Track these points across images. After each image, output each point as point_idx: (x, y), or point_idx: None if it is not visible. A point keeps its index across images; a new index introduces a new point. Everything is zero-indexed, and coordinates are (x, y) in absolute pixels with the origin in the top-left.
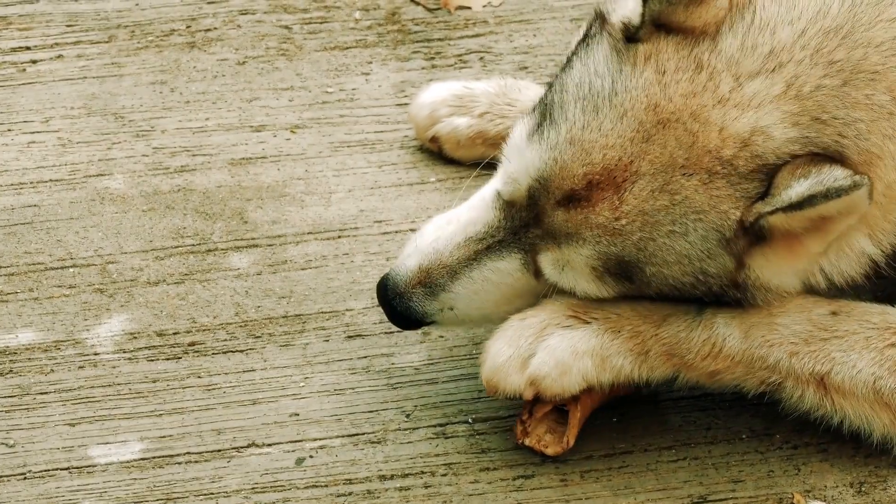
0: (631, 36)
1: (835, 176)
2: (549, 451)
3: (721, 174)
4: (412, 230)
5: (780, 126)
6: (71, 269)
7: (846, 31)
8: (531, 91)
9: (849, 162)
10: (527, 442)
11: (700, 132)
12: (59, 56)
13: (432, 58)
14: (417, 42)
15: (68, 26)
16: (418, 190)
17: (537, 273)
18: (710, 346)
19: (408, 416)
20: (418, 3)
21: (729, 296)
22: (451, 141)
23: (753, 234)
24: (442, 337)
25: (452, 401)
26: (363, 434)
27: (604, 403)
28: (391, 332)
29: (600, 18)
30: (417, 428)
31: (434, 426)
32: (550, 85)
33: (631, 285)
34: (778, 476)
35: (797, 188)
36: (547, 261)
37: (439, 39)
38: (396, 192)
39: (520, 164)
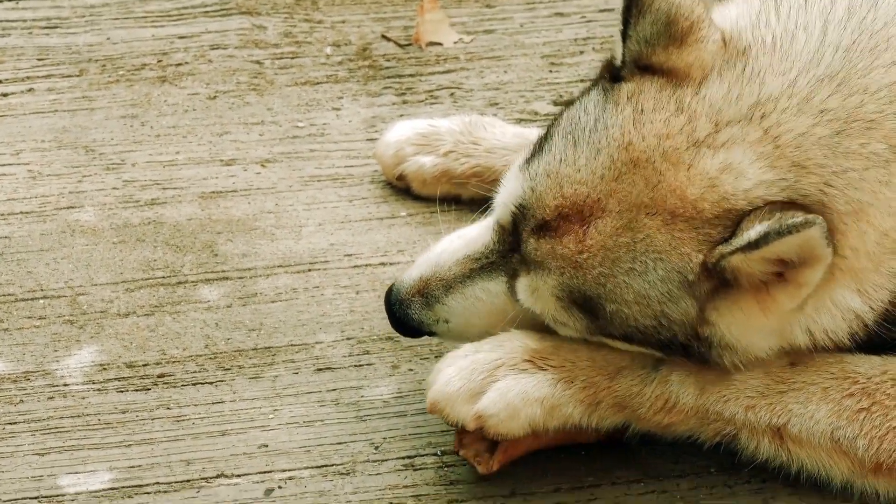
0: (615, 75)
1: (793, 215)
2: (480, 468)
3: (683, 216)
4: (382, 264)
5: (753, 166)
6: (41, 301)
7: (841, 78)
8: (496, 128)
9: (830, 211)
10: (462, 453)
11: (668, 172)
12: (30, 89)
13: (403, 93)
14: (388, 77)
15: (39, 60)
16: (388, 224)
17: (516, 296)
18: (663, 401)
19: (377, 448)
20: (389, 39)
21: (695, 350)
22: (417, 179)
23: (717, 278)
24: (411, 370)
25: (421, 433)
26: (332, 465)
27: (554, 446)
28: (360, 366)
29: (609, 63)
30: (386, 460)
31: (403, 458)
32: (555, 118)
33: (596, 320)
34: None
35: (757, 228)
36: (521, 286)
37: (410, 75)
38: (366, 226)
39: (508, 190)
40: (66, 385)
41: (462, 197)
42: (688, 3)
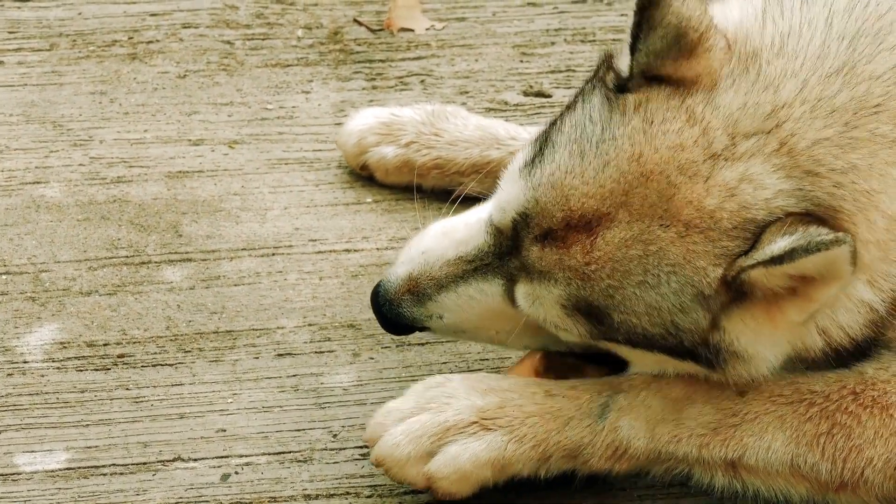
0: (621, 86)
1: (819, 232)
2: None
3: (699, 227)
4: (347, 250)
5: (772, 176)
6: (3, 277)
7: (847, 69)
8: (459, 119)
9: (840, 213)
10: None
11: (683, 184)
12: (0, 62)
13: (373, 79)
14: (359, 62)
15: (10, 33)
16: (354, 210)
17: (514, 301)
18: (613, 449)
19: (335, 436)
20: (361, 24)
21: (700, 354)
22: (380, 169)
23: (734, 291)
24: (372, 359)
25: None
26: (289, 452)
27: None
28: (321, 352)
29: (608, 60)
30: (344, 448)
31: (361, 447)
32: (554, 121)
33: (601, 327)
34: None
35: (780, 242)
36: (521, 292)
37: (381, 61)
38: (332, 212)
39: (508, 194)
40: (25, 362)
41: (423, 187)
42: (697, 14)
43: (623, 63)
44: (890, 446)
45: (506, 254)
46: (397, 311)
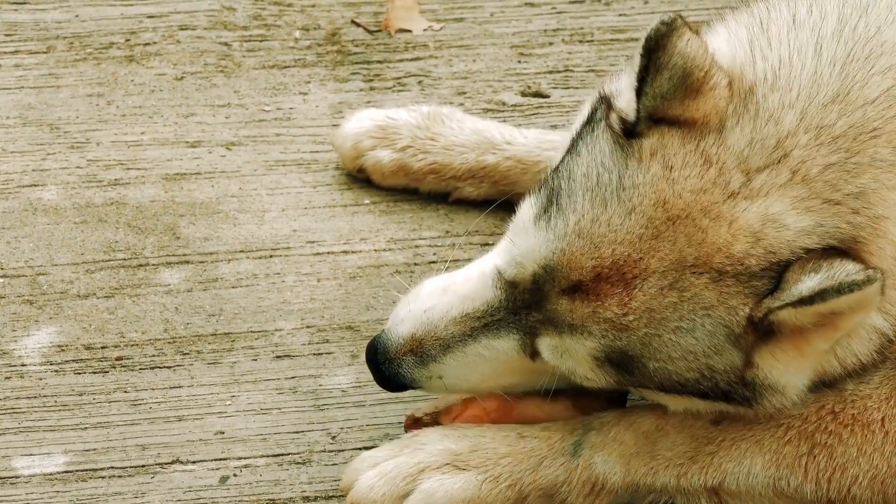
0: (629, 131)
1: (847, 271)
2: None
3: (731, 273)
4: (345, 252)
5: (791, 214)
6: (0, 280)
7: (842, 95)
8: (454, 122)
9: (861, 242)
10: None
11: (710, 228)
12: None
13: (371, 80)
14: (357, 63)
15: (7, 35)
16: (352, 212)
17: (534, 354)
18: (590, 485)
19: (333, 437)
20: (359, 25)
21: (737, 393)
22: (376, 173)
23: (762, 331)
24: None
25: (379, 424)
26: (288, 454)
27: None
28: (319, 354)
29: (605, 102)
30: (343, 450)
31: (360, 449)
32: (557, 168)
33: (630, 377)
34: None
35: (808, 283)
36: (545, 345)
37: (379, 62)
38: (330, 213)
39: (526, 248)
40: (23, 365)
41: (420, 191)
42: (701, 53)
43: (623, 103)
44: (874, 462)
45: (522, 308)
46: (396, 371)
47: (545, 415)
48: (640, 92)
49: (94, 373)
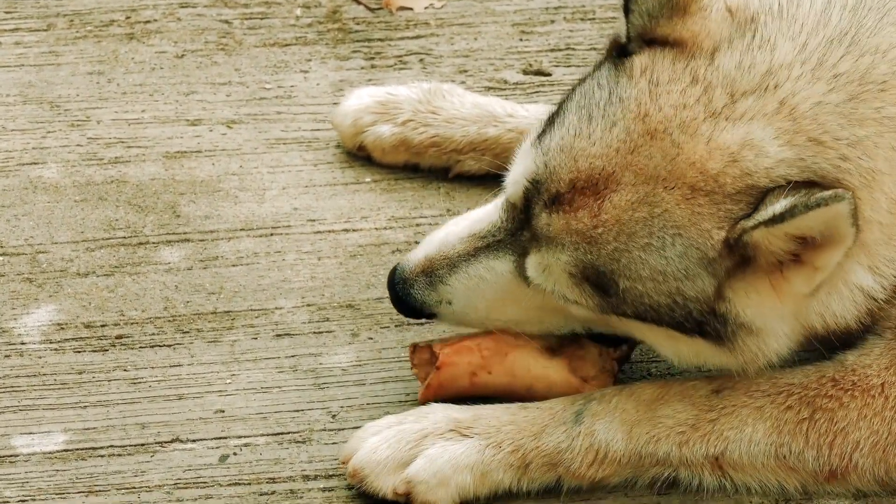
0: (622, 51)
1: (820, 190)
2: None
3: (704, 191)
4: (345, 230)
5: (773, 143)
6: (0, 258)
7: (850, 38)
8: (455, 97)
9: (846, 186)
10: (414, 371)
11: (686, 143)
12: None
13: (372, 58)
14: (358, 41)
15: (7, 13)
16: (353, 190)
17: (527, 279)
18: (593, 453)
19: (334, 416)
20: (360, 3)
21: (710, 326)
22: (377, 149)
23: (737, 256)
24: (371, 339)
25: (379, 402)
26: (288, 433)
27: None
28: (319, 332)
29: (615, 40)
30: (343, 429)
31: (360, 427)
32: (565, 98)
33: (608, 298)
34: None
35: (782, 202)
36: (531, 263)
37: (380, 40)
38: (331, 191)
39: (520, 166)
40: (23, 343)
41: (421, 166)
42: None
43: (620, 29)
44: (875, 427)
45: (518, 228)
46: (408, 291)
47: (540, 368)
48: (626, 10)
49: (94, 351)
